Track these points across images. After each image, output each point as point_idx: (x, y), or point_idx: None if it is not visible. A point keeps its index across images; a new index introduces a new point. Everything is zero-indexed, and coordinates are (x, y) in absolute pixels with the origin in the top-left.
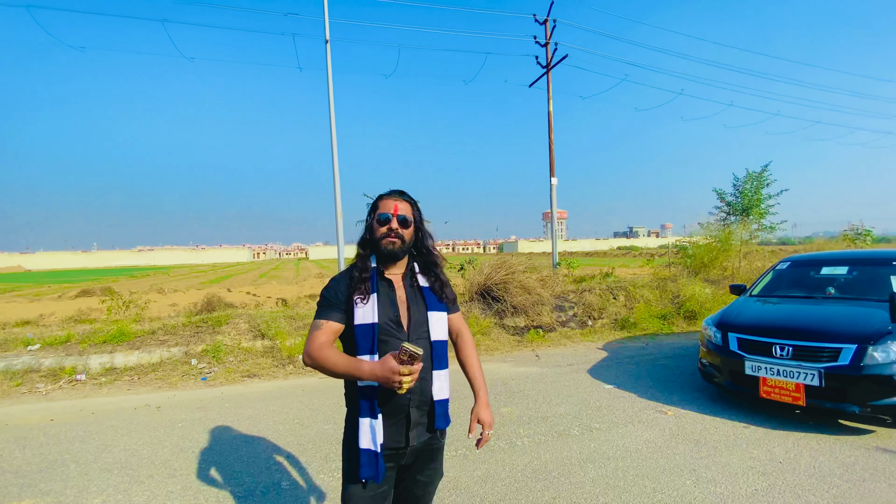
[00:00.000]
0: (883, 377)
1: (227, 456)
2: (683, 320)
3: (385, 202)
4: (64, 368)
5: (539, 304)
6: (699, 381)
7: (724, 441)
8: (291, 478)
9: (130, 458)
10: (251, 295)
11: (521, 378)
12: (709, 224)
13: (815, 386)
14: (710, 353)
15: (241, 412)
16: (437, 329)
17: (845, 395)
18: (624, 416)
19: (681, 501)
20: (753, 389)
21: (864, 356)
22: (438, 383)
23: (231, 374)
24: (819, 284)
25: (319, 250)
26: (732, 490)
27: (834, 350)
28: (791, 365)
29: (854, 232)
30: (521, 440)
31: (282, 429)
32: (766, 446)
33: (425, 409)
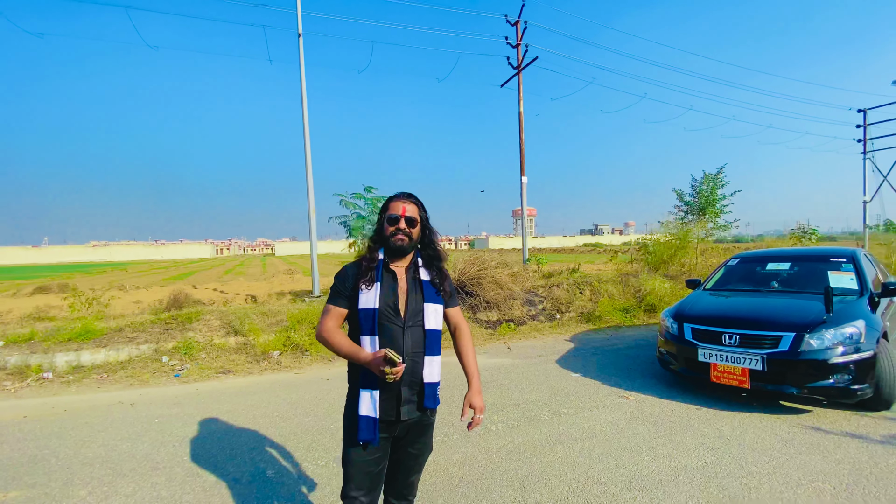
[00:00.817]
0: (818, 362)
1: (208, 448)
2: (644, 313)
3: (395, 204)
4: (30, 366)
5: (511, 298)
6: (658, 368)
7: (679, 421)
8: (276, 467)
9: (110, 453)
10: (218, 292)
11: (494, 369)
12: (668, 223)
13: (758, 370)
14: (668, 343)
15: (219, 407)
16: (432, 319)
17: (785, 378)
18: (589, 401)
19: (640, 475)
20: (705, 375)
21: (802, 343)
22: (429, 368)
23: (205, 371)
24: (764, 279)
25: (286, 246)
26: (685, 464)
27: (775, 338)
28: (738, 352)
29: (801, 231)
30: (495, 426)
31: (262, 422)
32: (716, 425)
33: (415, 389)
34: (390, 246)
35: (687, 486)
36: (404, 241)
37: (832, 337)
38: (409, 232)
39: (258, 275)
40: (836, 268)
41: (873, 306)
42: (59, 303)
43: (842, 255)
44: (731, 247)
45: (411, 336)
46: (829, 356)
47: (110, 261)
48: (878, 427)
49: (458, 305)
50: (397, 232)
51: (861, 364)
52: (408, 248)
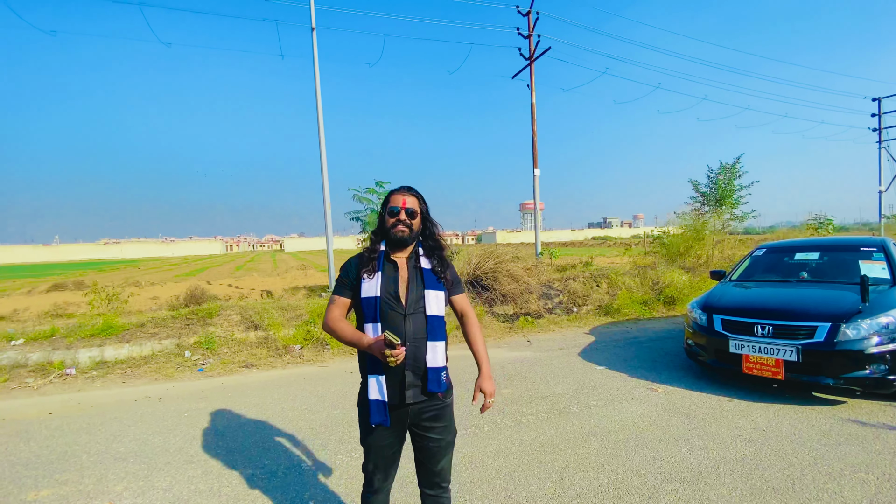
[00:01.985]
0: (854, 352)
1: (241, 441)
2: (663, 306)
3: (395, 197)
4: (52, 363)
5: (526, 292)
6: (684, 360)
7: (712, 413)
8: (312, 459)
9: (143, 447)
10: (233, 287)
11: (516, 362)
12: (684, 214)
13: (793, 361)
14: (696, 334)
15: (246, 400)
16: (433, 305)
17: (820, 369)
18: (618, 393)
19: (679, 467)
20: (737, 366)
21: (838, 333)
22: (432, 353)
23: (228, 365)
24: (793, 269)
25: (295, 242)
26: (724, 455)
27: (810, 328)
28: (771, 342)
29: (817, 221)
30: (525, 418)
31: (290, 415)
32: (750, 417)
33: (419, 374)
34: (391, 237)
35: (728, 478)
36: (405, 232)
37: (868, 327)
38: (410, 223)
39: (270, 270)
40: (867, 257)
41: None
42: (77, 300)
43: (872, 244)
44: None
45: (413, 322)
46: (866, 346)
47: (122, 258)
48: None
49: (464, 292)
50: (398, 223)
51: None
52: (408, 239)
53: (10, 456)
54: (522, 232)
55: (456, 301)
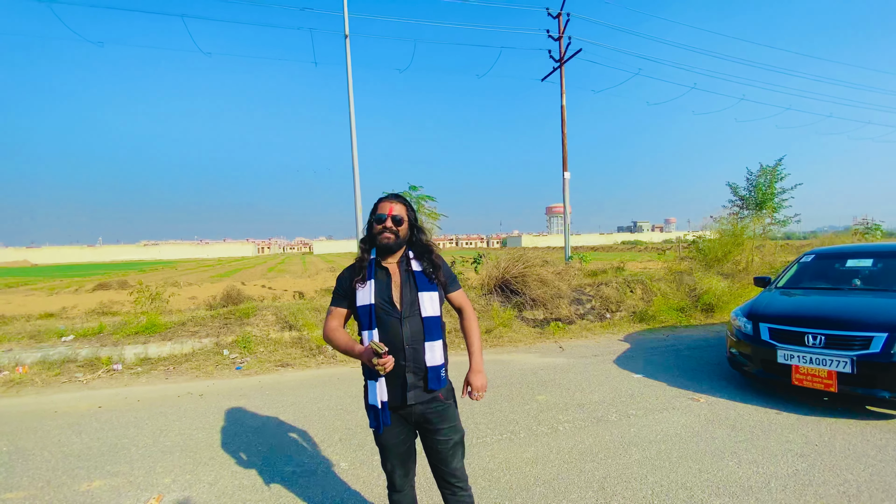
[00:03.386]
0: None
1: (280, 439)
2: (701, 313)
3: (382, 204)
4: (100, 358)
5: (557, 297)
6: (725, 370)
7: (760, 426)
8: (349, 459)
9: (188, 442)
10: (267, 288)
11: (549, 368)
12: (722, 218)
13: (847, 373)
14: (740, 343)
15: (283, 399)
16: (428, 307)
17: (876, 381)
18: (657, 403)
19: (727, 481)
20: (785, 377)
21: (895, 344)
22: (430, 353)
23: (264, 364)
24: (844, 276)
25: (323, 245)
26: (774, 470)
27: (865, 339)
28: (824, 353)
29: (864, 226)
30: (561, 425)
31: (327, 414)
32: (801, 430)
33: (420, 374)
34: (379, 245)
35: (780, 494)
36: (391, 238)
37: None
38: (396, 230)
39: (300, 272)
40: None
41: None
42: (121, 298)
43: None
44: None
45: (410, 325)
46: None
47: (160, 259)
48: None
49: (461, 289)
50: (384, 231)
51: None
52: (394, 245)
53: (63, 447)
54: (549, 236)
55: (453, 298)
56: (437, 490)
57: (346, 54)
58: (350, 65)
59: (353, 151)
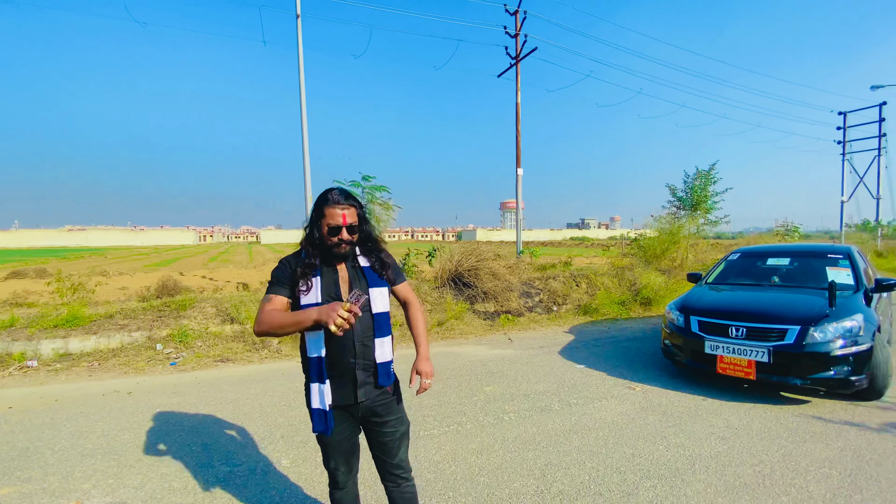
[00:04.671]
0: (820, 354)
1: (217, 438)
2: (640, 306)
3: (332, 211)
4: (12, 354)
5: (508, 290)
6: (660, 360)
7: (687, 412)
8: (292, 455)
9: (112, 444)
10: (207, 279)
11: (498, 360)
12: (661, 217)
13: (764, 362)
14: (673, 335)
15: (223, 395)
16: (378, 303)
17: (789, 369)
18: (597, 392)
19: (656, 464)
20: (711, 366)
21: (806, 336)
22: (380, 349)
23: (202, 359)
24: (764, 273)
25: (272, 234)
26: (699, 452)
27: (781, 331)
28: (745, 344)
29: (785, 228)
30: (507, 415)
31: (269, 411)
32: (723, 415)
33: (370, 371)
34: (333, 255)
35: (703, 475)
36: (347, 248)
37: (834, 330)
38: (351, 239)
39: (246, 262)
40: (834, 264)
41: (868, 301)
42: (38, 288)
43: (839, 251)
44: (717, 242)
45: (360, 322)
46: (831, 349)
47: (87, 246)
48: (873, 416)
49: (406, 281)
50: (340, 243)
51: (859, 356)
52: (349, 253)
53: None
54: (503, 230)
55: (399, 290)
56: (379, 484)
57: (297, 35)
58: (301, 46)
59: (304, 138)
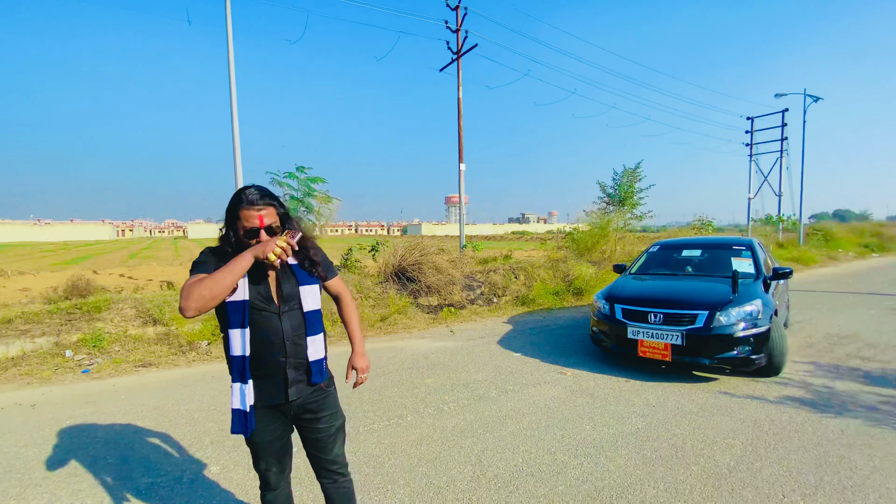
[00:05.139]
0: (725, 336)
1: (138, 448)
2: (573, 296)
3: (248, 213)
4: None
5: (451, 283)
6: (590, 345)
7: (612, 393)
8: (222, 462)
9: (14, 461)
10: (126, 278)
11: (439, 352)
12: (592, 212)
13: (678, 345)
14: (600, 322)
15: (144, 403)
16: (309, 301)
17: (700, 351)
18: (532, 378)
19: (584, 443)
20: (633, 350)
21: (713, 320)
22: (313, 347)
23: (121, 365)
24: (680, 264)
25: (200, 228)
26: (621, 430)
27: (692, 316)
28: (661, 329)
29: (700, 222)
30: (447, 406)
31: (197, 416)
32: (643, 395)
33: (302, 369)
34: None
35: (625, 450)
36: None
37: (737, 314)
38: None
39: (171, 259)
40: (738, 254)
41: (766, 287)
42: None
43: (742, 243)
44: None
45: (290, 320)
46: (735, 331)
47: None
48: (771, 390)
49: (338, 275)
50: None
51: (759, 337)
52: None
53: None
54: (448, 225)
55: (331, 286)
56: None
57: (225, 15)
58: (230, 26)
59: (234, 125)
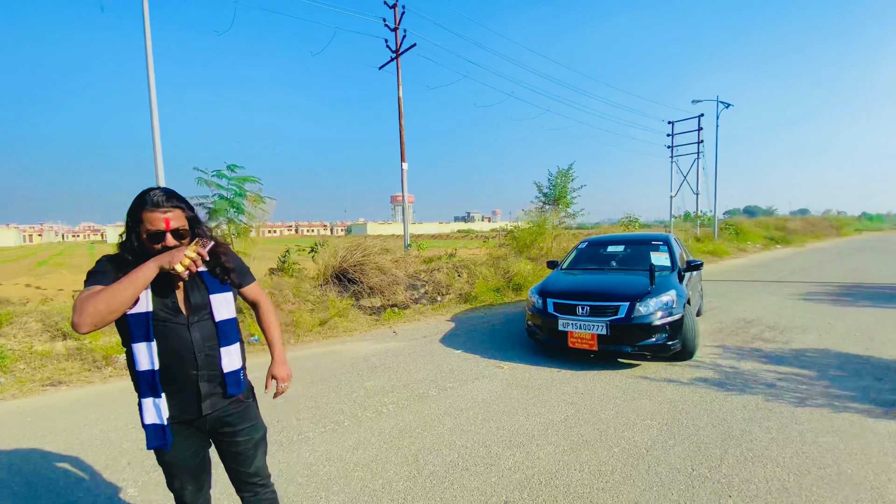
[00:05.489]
0: (644, 324)
1: (45, 473)
2: (513, 292)
3: (152, 216)
4: None
5: (394, 283)
6: (526, 339)
7: (545, 384)
8: (139, 483)
9: None
10: (33, 288)
11: (381, 354)
12: (530, 211)
13: (603, 334)
14: (534, 316)
15: (52, 425)
16: (222, 310)
17: (622, 339)
18: (471, 374)
19: (517, 433)
20: (564, 341)
21: (634, 310)
22: (227, 358)
23: (26, 385)
24: (606, 259)
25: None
26: (552, 418)
27: (615, 307)
28: (588, 320)
29: (628, 219)
30: (385, 407)
31: (113, 436)
32: (573, 384)
33: (216, 381)
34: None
35: (554, 437)
36: None
37: (654, 304)
38: (179, 245)
39: (86, 266)
40: (656, 249)
41: (681, 279)
42: None
43: (659, 239)
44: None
45: (200, 331)
46: (653, 320)
47: None
48: (685, 373)
49: (255, 281)
50: (164, 250)
51: (674, 324)
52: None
53: None
54: (394, 224)
55: (247, 293)
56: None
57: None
58: (147, 11)
59: (154, 121)
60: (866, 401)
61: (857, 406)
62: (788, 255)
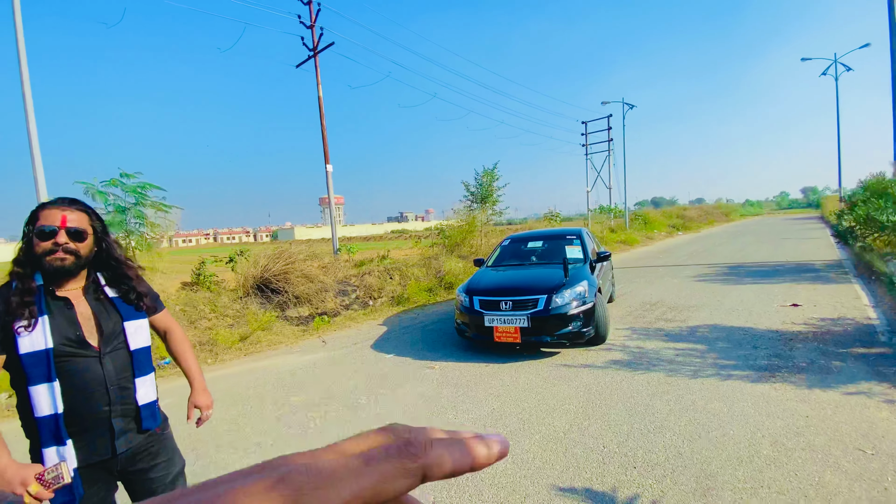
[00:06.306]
0: (561, 314)
1: None
2: (445, 291)
3: (48, 213)
4: None
5: (323, 291)
6: (456, 337)
7: (473, 380)
8: None
9: None
10: None
11: (309, 365)
12: (459, 210)
13: (525, 327)
14: (462, 314)
15: None
16: (137, 338)
17: (542, 330)
18: (403, 378)
19: None
20: (491, 337)
21: (551, 302)
22: (143, 389)
23: None
24: (527, 254)
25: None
26: (480, 413)
27: (535, 300)
28: (511, 314)
29: (550, 214)
30: (313, 423)
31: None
32: (499, 377)
33: (131, 416)
34: (45, 268)
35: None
36: (65, 260)
37: (569, 295)
38: (75, 248)
39: None
40: (570, 243)
41: (592, 270)
42: None
43: (573, 233)
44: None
45: (113, 362)
46: (568, 309)
47: None
48: (599, 357)
49: (164, 308)
50: (55, 249)
51: (587, 313)
52: (72, 267)
53: None
54: (323, 227)
55: (158, 320)
56: None
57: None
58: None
59: (30, 124)
60: (746, 368)
61: (739, 373)
62: (688, 240)
